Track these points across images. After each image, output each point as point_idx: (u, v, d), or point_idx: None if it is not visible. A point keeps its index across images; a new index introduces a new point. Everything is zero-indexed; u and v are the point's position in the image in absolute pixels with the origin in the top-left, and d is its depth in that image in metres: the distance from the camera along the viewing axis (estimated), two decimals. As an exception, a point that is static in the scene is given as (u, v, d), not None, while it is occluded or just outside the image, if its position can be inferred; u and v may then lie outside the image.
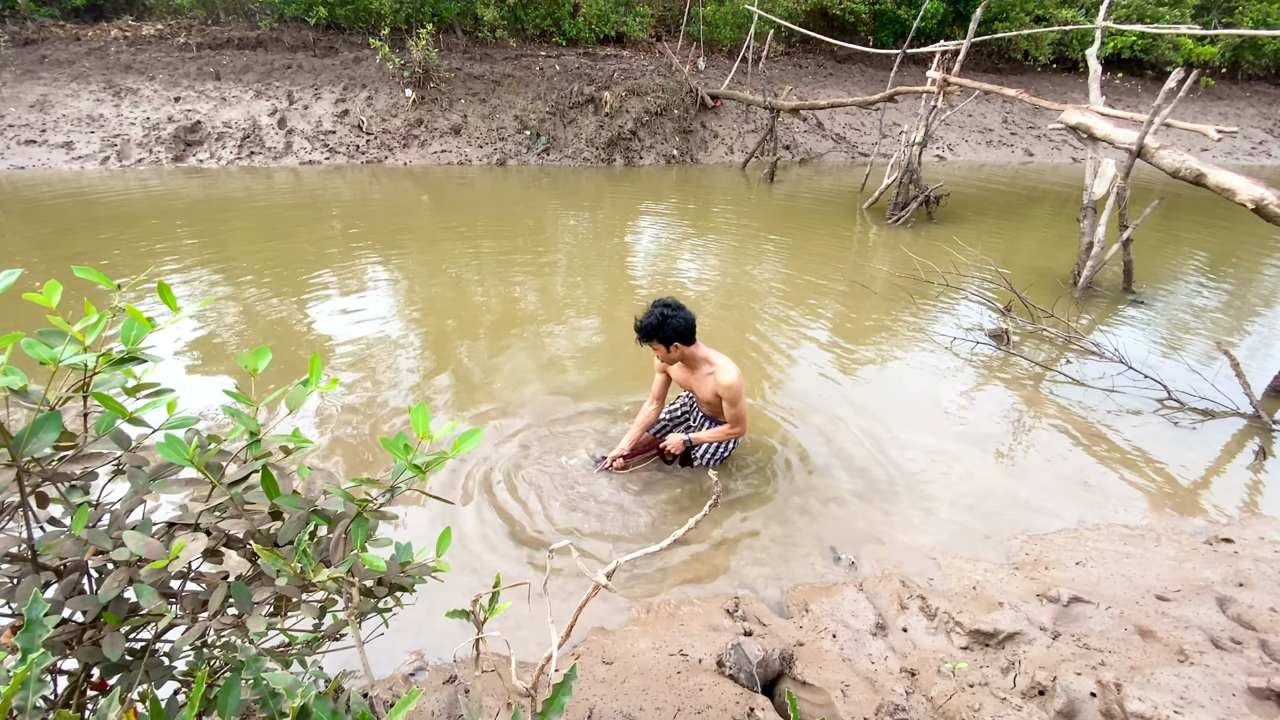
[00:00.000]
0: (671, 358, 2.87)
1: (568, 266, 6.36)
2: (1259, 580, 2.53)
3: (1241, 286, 6.86)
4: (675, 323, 2.72)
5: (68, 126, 9.66)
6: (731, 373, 2.81)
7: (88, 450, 1.06)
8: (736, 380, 2.80)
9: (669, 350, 2.80)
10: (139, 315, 1.06)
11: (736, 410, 2.87)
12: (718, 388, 2.84)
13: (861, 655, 2.22)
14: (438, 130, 11.13)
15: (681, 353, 2.83)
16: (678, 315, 2.73)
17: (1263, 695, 1.90)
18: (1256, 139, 16.89)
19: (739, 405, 2.86)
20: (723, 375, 2.82)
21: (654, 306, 2.76)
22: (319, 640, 1.30)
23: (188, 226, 6.94)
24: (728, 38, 14.22)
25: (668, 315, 2.71)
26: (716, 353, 2.91)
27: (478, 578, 2.55)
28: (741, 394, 2.84)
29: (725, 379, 2.80)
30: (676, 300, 2.78)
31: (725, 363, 2.86)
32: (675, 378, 3.10)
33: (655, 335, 2.75)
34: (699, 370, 2.92)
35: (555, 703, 1.06)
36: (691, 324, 2.76)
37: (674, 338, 2.74)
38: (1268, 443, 3.79)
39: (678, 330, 2.73)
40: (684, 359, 2.89)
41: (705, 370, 2.90)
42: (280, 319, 4.81)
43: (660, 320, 2.72)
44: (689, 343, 2.80)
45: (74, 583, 1.07)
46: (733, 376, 2.80)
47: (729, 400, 2.84)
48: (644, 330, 2.76)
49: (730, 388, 2.80)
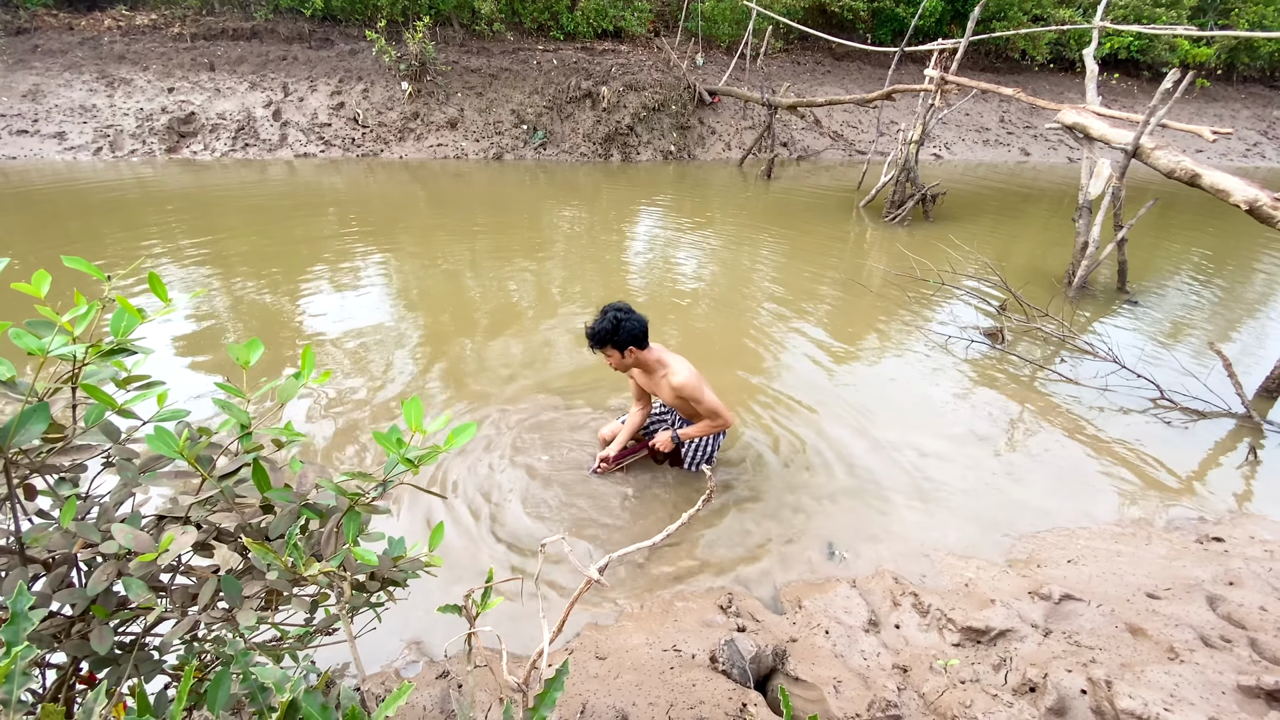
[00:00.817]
0: (626, 364, 2.75)
1: (563, 263, 6.34)
2: (1249, 579, 2.55)
3: (1234, 287, 6.89)
4: (629, 325, 2.62)
5: (60, 117, 9.57)
6: (682, 370, 2.73)
7: (76, 442, 1.05)
8: (688, 376, 2.71)
9: (623, 356, 2.70)
10: (129, 306, 1.05)
11: (705, 404, 2.78)
12: (672, 389, 2.75)
13: (854, 652, 2.22)
14: (434, 124, 11.08)
15: (636, 357, 2.73)
16: (631, 318, 2.63)
17: (1252, 693, 1.92)
18: (1251, 141, 16.97)
19: (704, 399, 2.76)
20: (674, 375, 2.72)
21: (605, 311, 2.66)
22: (310, 635, 1.30)
23: (180, 219, 6.89)
24: (726, 34, 14.19)
25: (621, 319, 2.61)
26: (669, 353, 2.83)
27: (470, 573, 2.55)
28: (700, 388, 2.74)
29: (677, 379, 2.71)
30: (627, 304, 2.69)
31: (676, 362, 2.77)
32: (640, 384, 2.98)
33: (609, 340, 2.64)
34: (655, 374, 2.82)
35: (547, 698, 1.06)
36: (645, 327, 2.67)
37: (629, 342, 2.64)
38: (1259, 443, 3.81)
39: (632, 334, 2.63)
40: (639, 364, 2.78)
41: (660, 373, 2.79)
42: (272, 312, 4.79)
43: (614, 325, 2.61)
44: (643, 346, 2.71)
45: (62, 575, 1.06)
46: (684, 374, 2.71)
47: (689, 398, 2.76)
48: (597, 336, 2.65)
49: (684, 385, 2.71)
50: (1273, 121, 17.81)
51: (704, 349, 4.62)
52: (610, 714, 1.87)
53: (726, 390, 3.98)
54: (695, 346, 4.64)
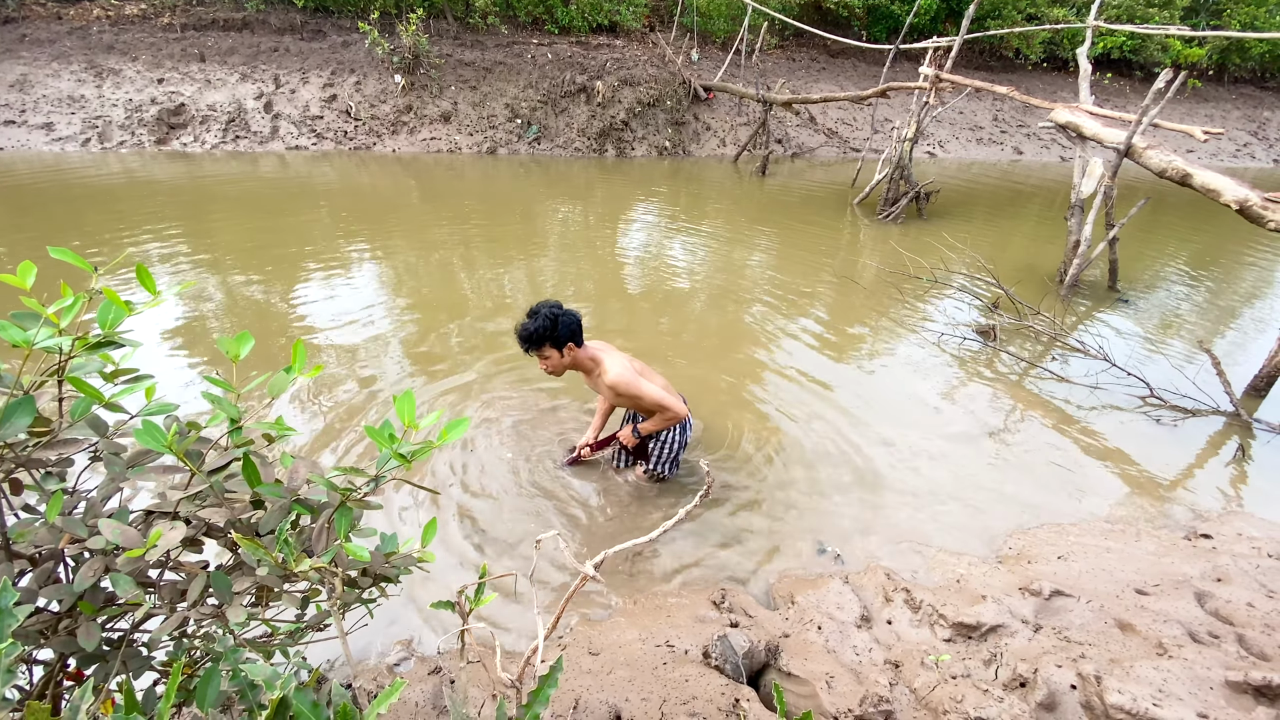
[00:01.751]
0: (564, 364, 2.60)
1: (556, 258, 6.32)
2: (1237, 575, 2.57)
3: (1224, 286, 6.95)
4: (566, 320, 2.50)
5: (48, 107, 9.44)
6: (614, 366, 2.59)
7: (63, 436, 1.04)
8: (620, 371, 2.57)
9: (562, 355, 2.55)
10: (116, 298, 1.03)
11: (646, 399, 2.61)
12: (607, 386, 2.60)
13: (846, 647, 2.23)
14: (427, 117, 11.00)
15: (574, 356, 2.59)
16: (566, 314, 2.51)
17: (1239, 689, 1.93)
18: (1241, 141, 17.10)
19: (643, 394, 2.59)
20: (607, 374, 2.59)
21: (537, 310, 2.51)
22: (301, 631, 1.29)
23: (169, 211, 6.82)
24: (721, 29, 14.15)
25: (558, 314, 2.49)
26: (606, 350, 2.71)
27: (463, 569, 2.54)
28: (634, 383, 2.58)
29: (610, 376, 2.57)
30: (558, 301, 2.57)
31: (608, 358, 2.64)
32: (586, 383, 2.86)
33: (547, 339, 2.49)
34: (594, 373, 2.68)
35: (541, 694, 1.06)
36: (579, 322, 2.55)
37: (567, 338, 2.51)
38: (1247, 441, 3.85)
39: (570, 328, 2.51)
40: (577, 364, 2.63)
41: (596, 372, 2.66)
42: (263, 305, 4.75)
43: (552, 321, 2.47)
44: (580, 344, 2.58)
45: (49, 571, 1.04)
46: (616, 369, 2.57)
47: (626, 395, 2.60)
48: (533, 337, 2.49)
49: (617, 382, 2.55)
50: (1263, 122, 17.95)
51: (696, 344, 4.62)
52: (604, 709, 1.87)
53: (718, 386, 3.98)
54: (686, 342, 4.64)
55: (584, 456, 3.13)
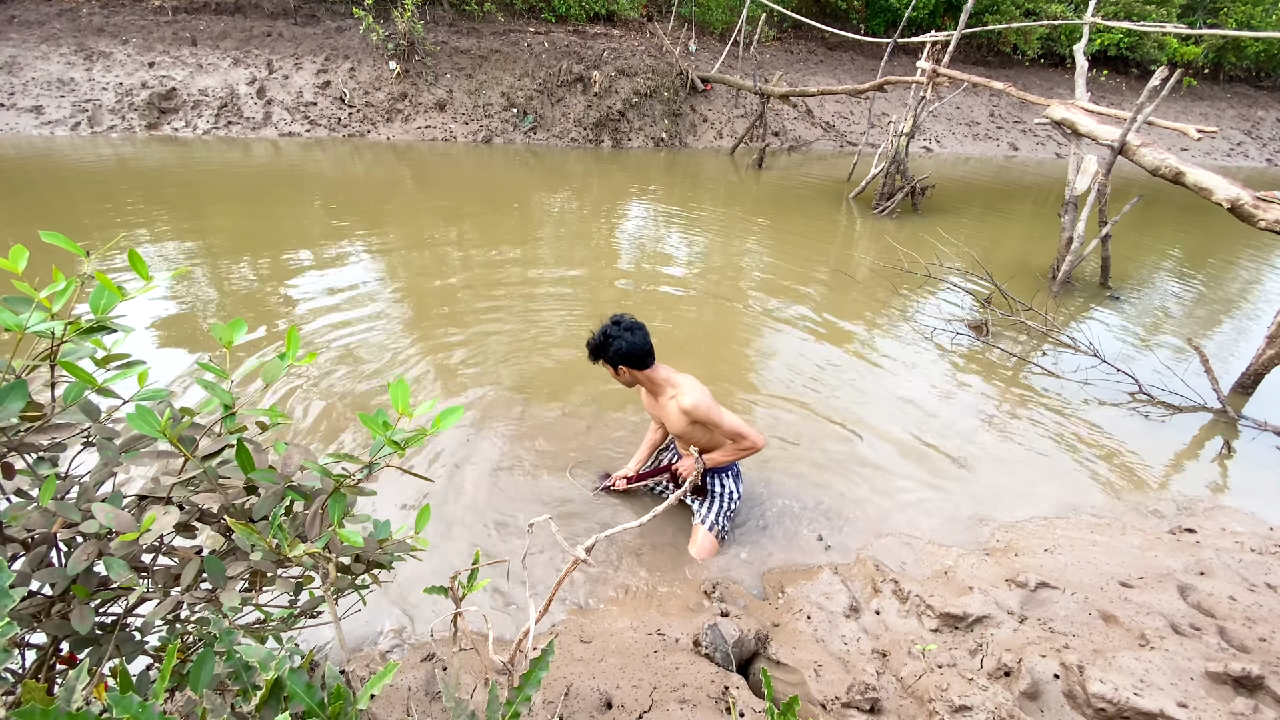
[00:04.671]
0: (626, 380, 2.51)
1: (551, 248, 6.30)
2: (1219, 569, 2.61)
3: (1214, 284, 7.01)
4: (619, 345, 2.36)
5: (37, 90, 9.31)
6: (694, 391, 2.43)
7: (55, 421, 1.04)
8: (700, 397, 2.42)
9: (617, 373, 2.48)
10: (109, 283, 1.03)
11: (725, 427, 2.47)
12: (682, 411, 2.44)
13: (835, 636, 2.26)
14: (422, 105, 10.91)
15: (635, 376, 2.48)
16: (623, 336, 2.37)
17: (1220, 679, 1.97)
18: (1235, 140, 17.18)
19: (723, 421, 2.46)
20: (684, 396, 2.42)
21: (611, 321, 2.45)
22: (295, 616, 1.30)
23: (161, 196, 6.75)
24: (719, 21, 14.08)
25: (611, 335, 2.38)
26: (679, 374, 2.53)
27: (456, 556, 2.55)
28: (715, 408, 2.45)
29: (687, 401, 2.41)
30: (633, 319, 2.44)
31: (688, 383, 2.48)
32: (646, 407, 2.72)
33: (600, 355, 2.44)
34: (662, 396, 2.53)
35: (532, 678, 1.07)
36: (643, 347, 2.39)
37: (620, 361, 2.40)
38: (1232, 437, 3.90)
39: (620, 352, 2.37)
40: (642, 383, 2.53)
41: (668, 394, 2.50)
42: (256, 291, 4.72)
43: (603, 340, 2.40)
44: (640, 367, 2.43)
45: (42, 555, 1.05)
46: (695, 394, 2.42)
47: (703, 420, 2.44)
48: (591, 350, 2.47)
49: (694, 408, 2.40)
50: (1257, 121, 18.04)
51: (690, 337, 4.63)
52: (595, 696, 1.89)
53: (711, 379, 3.99)
54: (681, 335, 4.65)
55: (619, 487, 2.95)
